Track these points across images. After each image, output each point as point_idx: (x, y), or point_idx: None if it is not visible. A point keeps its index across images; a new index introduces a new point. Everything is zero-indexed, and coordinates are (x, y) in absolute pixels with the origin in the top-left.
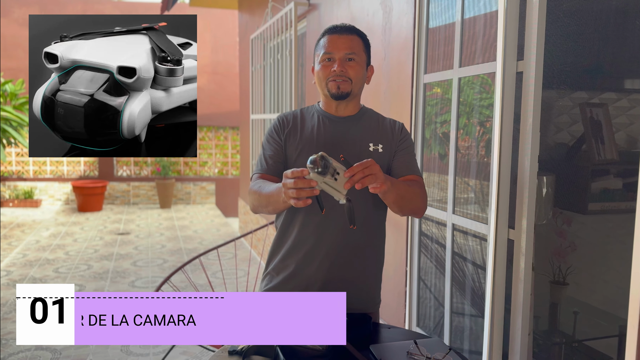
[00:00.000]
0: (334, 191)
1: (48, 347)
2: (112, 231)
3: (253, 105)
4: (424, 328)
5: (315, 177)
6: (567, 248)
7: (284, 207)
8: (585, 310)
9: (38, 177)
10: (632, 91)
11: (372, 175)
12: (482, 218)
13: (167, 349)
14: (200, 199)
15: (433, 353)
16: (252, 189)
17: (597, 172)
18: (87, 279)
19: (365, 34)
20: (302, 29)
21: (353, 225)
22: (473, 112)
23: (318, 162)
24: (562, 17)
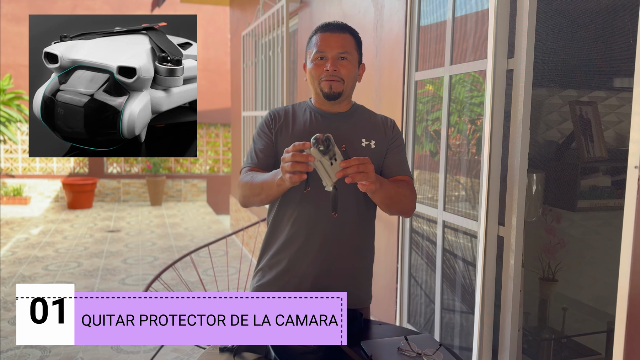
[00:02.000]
0: (325, 175)
1: (37, 345)
2: (102, 228)
3: (244, 102)
4: (414, 324)
5: (315, 153)
6: (556, 245)
7: (277, 192)
8: (574, 306)
9: (27, 174)
10: (621, 89)
11: (364, 173)
12: (472, 215)
13: (158, 347)
14: (191, 196)
15: (423, 349)
16: (242, 180)
17: (586, 170)
18: (77, 276)
19: (357, 32)
20: (293, 26)
21: (334, 213)
22: (464, 110)
23: (321, 140)
24: (553, 15)
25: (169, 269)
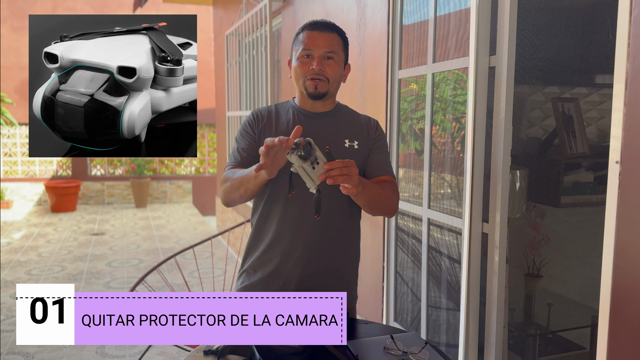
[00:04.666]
0: (308, 178)
1: (20, 352)
2: (86, 232)
3: (229, 102)
4: (401, 323)
5: (295, 159)
6: (540, 241)
7: (255, 186)
8: (559, 301)
9: (9, 177)
10: (602, 86)
11: (347, 176)
12: (457, 213)
13: (143, 350)
14: (176, 197)
15: (409, 347)
16: (224, 177)
17: (569, 166)
18: (60, 280)
19: (344, 32)
20: (277, 25)
21: (317, 216)
22: (448, 109)
23: (301, 146)
24: (533, 12)
25: (154, 271)
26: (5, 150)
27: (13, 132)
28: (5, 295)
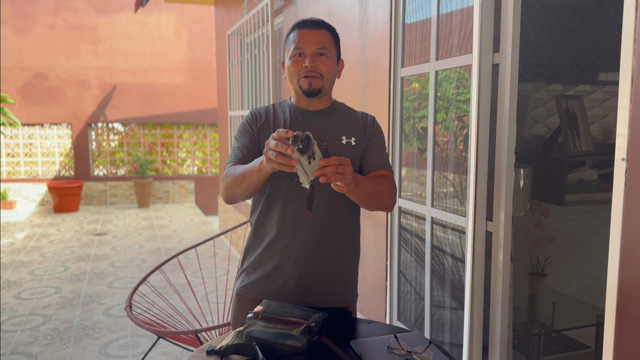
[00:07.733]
0: (303, 173)
1: (23, 352)
2: (89, 232)
3: (231, 101)
4: (405, 322)
5: (293, 152)
6: (544, 239)
7: (257, 180)
8: (564, 300)
9: (12, 177)
10: (606, 83)
11: (341, 175)
12: (461, 211)
13: (146, 350)
14: (179, 197)
15: (413, 347)
16: (225, 173)
17: (573, 164)
18: (63, 280)
19: (334, 28)
20: (278, 24)
21: (309, 211)
22: (451, 107)
23: (300, 139)
24: (537, 9)
25: (157, 271)
26: (8, 150)
27: (15, 133)
28: (8, 296)
